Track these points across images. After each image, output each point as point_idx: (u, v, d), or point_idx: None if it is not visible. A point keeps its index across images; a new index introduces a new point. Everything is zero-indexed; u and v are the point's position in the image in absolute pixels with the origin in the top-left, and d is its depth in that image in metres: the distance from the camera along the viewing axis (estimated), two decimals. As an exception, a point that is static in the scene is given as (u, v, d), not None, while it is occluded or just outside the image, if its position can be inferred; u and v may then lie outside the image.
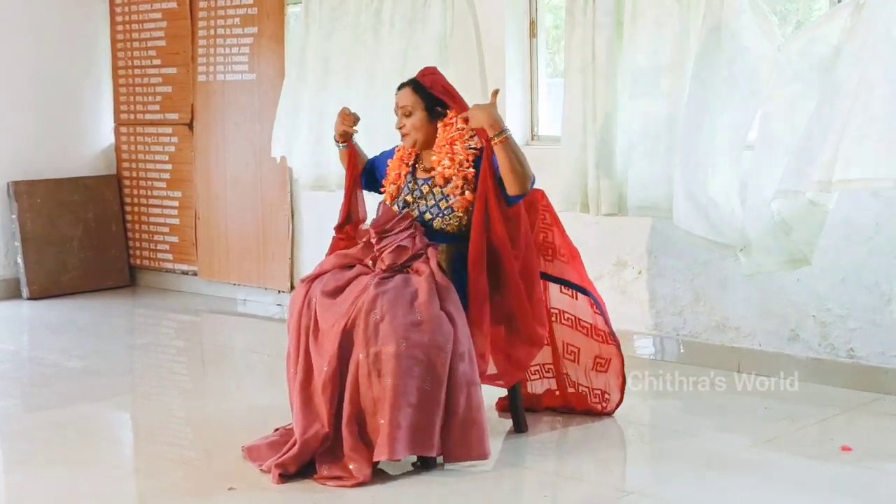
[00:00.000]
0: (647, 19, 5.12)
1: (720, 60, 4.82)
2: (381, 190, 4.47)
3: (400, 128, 4.35)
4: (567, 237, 4.59)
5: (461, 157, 4.23)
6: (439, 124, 4.30)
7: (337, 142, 4.61)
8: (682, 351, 5.51)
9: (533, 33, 6.07)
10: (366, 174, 4.64)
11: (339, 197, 6.56)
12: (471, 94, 5.99)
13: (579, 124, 5.36)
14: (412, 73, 5.97)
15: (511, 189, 4.11)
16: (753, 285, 5.24)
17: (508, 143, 4.08)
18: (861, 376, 4.94)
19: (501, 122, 4.11)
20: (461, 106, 4.31)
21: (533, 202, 4.52)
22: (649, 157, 5.16)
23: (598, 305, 4.58)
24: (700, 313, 5.45)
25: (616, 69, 5.25)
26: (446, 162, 4.24)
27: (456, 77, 5.97)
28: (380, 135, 6.18)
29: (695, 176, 4.90)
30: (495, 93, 4.25)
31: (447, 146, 4.26)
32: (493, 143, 4.10)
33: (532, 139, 6.11)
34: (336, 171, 6.45)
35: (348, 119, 4.53)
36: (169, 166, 7.90)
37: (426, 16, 6.00)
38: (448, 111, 4.30)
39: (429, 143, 4.33)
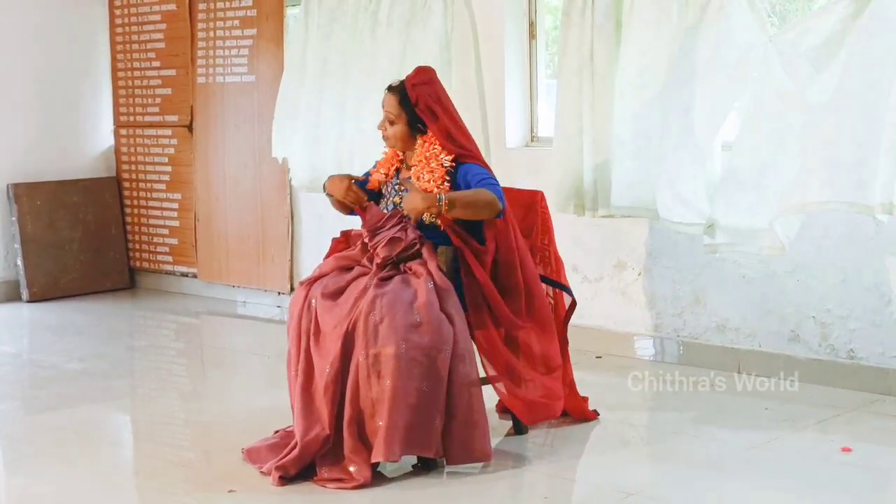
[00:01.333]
0: (645, 21, 5.11)
1: (707, 49, 4.82)
2: (373, 173, 4.43)
3: (382, 129, 4.36)
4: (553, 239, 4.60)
5: (438, 175, 4.20)
6: (419, 138, 4.29)
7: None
8: (682, 352, 5.51)
9: (532, 34, 6.07)
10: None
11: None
12: (469, 95, 6.02)
13: (574, 126, 5.37)
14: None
15: (487, 220, 4.14)
16: (753, 286, 5.24)
17: (454, 205, 4.04)
18: (861, 377, 4.94)
19: (431, 198, 4.05)
20: (445, 121, 4.25)
21: (533, 204, 4.52)
22: (641, 157, 5.15)
23: (574, 304, 4.61)
24: (700, 314, 5.45)
25: (614, 70, 5.26)
26: (426, 176, 4.23)
27: (454, 79, 5.99)
28: (378, 136, 6.20)
29: (674, 164, 4.92)
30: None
31: (424, 162, 4.24)
32: (446, 216, 4.08)
33: (532, 140, 6.11)
34: (331, 173, 6.46)
35: (351, 196, 4.36)
36: (168, 168, 7.90)
37: (425, 17, 6.00)
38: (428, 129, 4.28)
39: (408, 146, 4.33)
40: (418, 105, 4.25)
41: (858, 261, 4.93)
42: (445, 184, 4.19)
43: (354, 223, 4.50)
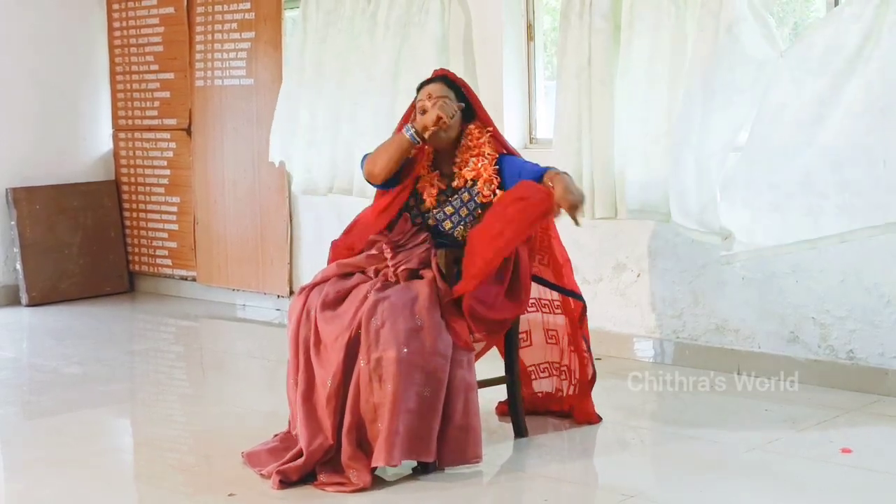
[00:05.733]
0: (644, 23, 5.11)
1: (719, 63, 4.83)
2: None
3: (438, 120, 4.15)
4: (560, 241, 4.59)
5: (487, 162, 4.26)
6: (465, 129, 4.30)
7: (417, 134, 4.19)
8: (681, 353, 5.51)
9: (530, 36, 6.07)
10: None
11: (335, 201, 6.64)
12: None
13: (573, 128, 5.37)
14: (408, 77, 6.01)
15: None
16: (753, 287, 5.24)
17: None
18: (861, 378, 4.94)
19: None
20: (481, 110, 4.36)
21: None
22: (647, 160, 5.16)
23: (585, 313, 4.57)
24: (699, 315, 5.45)
25: (613, 73, 5.26)
26: (471, 165, 4.25)
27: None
28: (375, 136, 6.19)
29: (688, 175, 4.92)
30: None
31: (476, 149, 4.27)
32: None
33: (530, 142, 6.11)
34: (327, 176, 6.46)
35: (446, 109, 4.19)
36: (167, 172, 7.90)
37: (422, 19, 6.00)
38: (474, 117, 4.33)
39: (448, 146, 4.31)
40: (464, 87, 4.33)
41: (857, 261, 4.93)
42: (496, 176, 4.26)
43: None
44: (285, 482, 3.90)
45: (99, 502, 3.93)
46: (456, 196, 4.29)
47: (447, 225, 4.27)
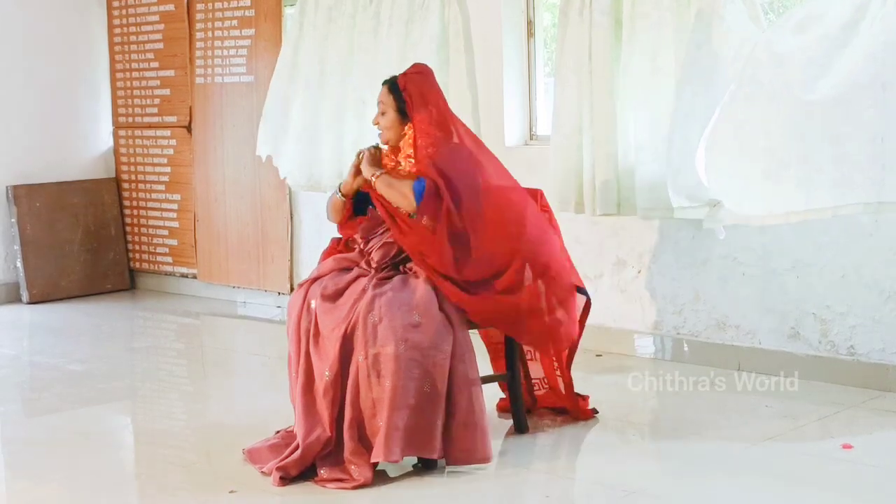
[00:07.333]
0: (645, 19, 5.11)
1: (709, 47, 4.82)
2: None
3: (375, 124, 4.40)
4: (561, 238, 4.58)
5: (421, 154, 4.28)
6: (407, 126, 4.32)
7: (342, 194, 4.41)
8: (682, 350, 5.51)
9: (530, 33, 6.07)
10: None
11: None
12: (467, 94, 6.02)
13: (573, 124, 5.36)
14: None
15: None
16: (753, 283, 5.24)
17: (380, 184, 4.23)
18: (861, 374, 4.94)
19: (370, 171, 4.30)
20: (431, 108, 4.30)
21: (531, 202, 4.52)
22: (655, 158, 5.14)
23: (589, 304, 4.56)
24: (700, 312, 5.45)
25: (615, 69, 5.25)
26: (406, 164, 4.29)
27: (453, 77, 5.99)
28: (372, 137, 6.19)
29: (678, 154, 4.91)
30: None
31: (412, 151, 4.29)
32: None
33: (531, 139, 6.11)
34: (328, 172, 6.46)
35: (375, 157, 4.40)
36: (168, 169, 7.90)
37: (423, 16, 6.00)
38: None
39: (401, 136, 4.35)
40: (406, 90, 4.29)
41: (858, 257, 4.93)
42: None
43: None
44: (286, 478, 3.90)
45: (100, 499, 3.93)
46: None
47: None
